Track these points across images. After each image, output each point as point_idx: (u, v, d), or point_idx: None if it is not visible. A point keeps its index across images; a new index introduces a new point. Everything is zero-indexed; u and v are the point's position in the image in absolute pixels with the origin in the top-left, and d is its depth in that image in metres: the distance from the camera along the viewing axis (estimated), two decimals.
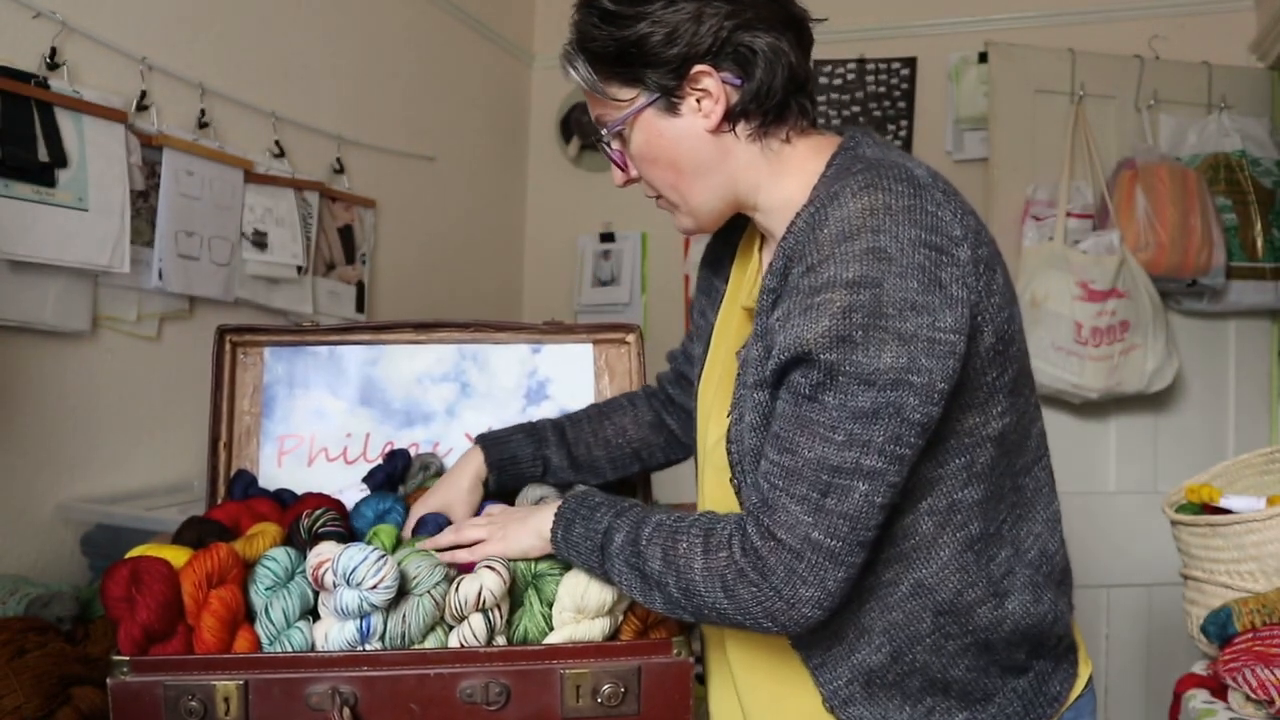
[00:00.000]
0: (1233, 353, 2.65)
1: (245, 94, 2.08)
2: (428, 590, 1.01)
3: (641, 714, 1.01)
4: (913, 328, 0.82)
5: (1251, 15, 2.70)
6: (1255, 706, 1.29)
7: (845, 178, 0.89)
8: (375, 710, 0.98)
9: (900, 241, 0.83)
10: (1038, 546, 0.99)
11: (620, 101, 0.97)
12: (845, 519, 0.84)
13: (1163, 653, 2.57)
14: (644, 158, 0.99)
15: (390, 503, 1.22)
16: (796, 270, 0.87)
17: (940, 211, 0.86)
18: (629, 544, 0.95)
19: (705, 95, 0.94)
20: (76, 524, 1.69)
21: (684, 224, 1.04)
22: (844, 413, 0.83)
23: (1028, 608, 0.96)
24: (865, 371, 0.82)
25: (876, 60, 3.00)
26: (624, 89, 0.96)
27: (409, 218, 2.71)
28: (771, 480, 0.87)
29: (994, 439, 0.92)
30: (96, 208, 1.67)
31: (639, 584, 0.95)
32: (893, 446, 0.83)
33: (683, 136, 0.96)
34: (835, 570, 0.85)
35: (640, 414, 1.31)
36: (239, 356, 1.40)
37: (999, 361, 0.90)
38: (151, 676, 0.96)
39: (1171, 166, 2.46)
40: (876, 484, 0.84)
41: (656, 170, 0.99)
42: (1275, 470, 1.69)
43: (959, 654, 0.95)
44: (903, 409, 0.82)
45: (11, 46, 1.58)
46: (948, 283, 0.84)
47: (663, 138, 0.97)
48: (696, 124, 0.95)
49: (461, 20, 2.92)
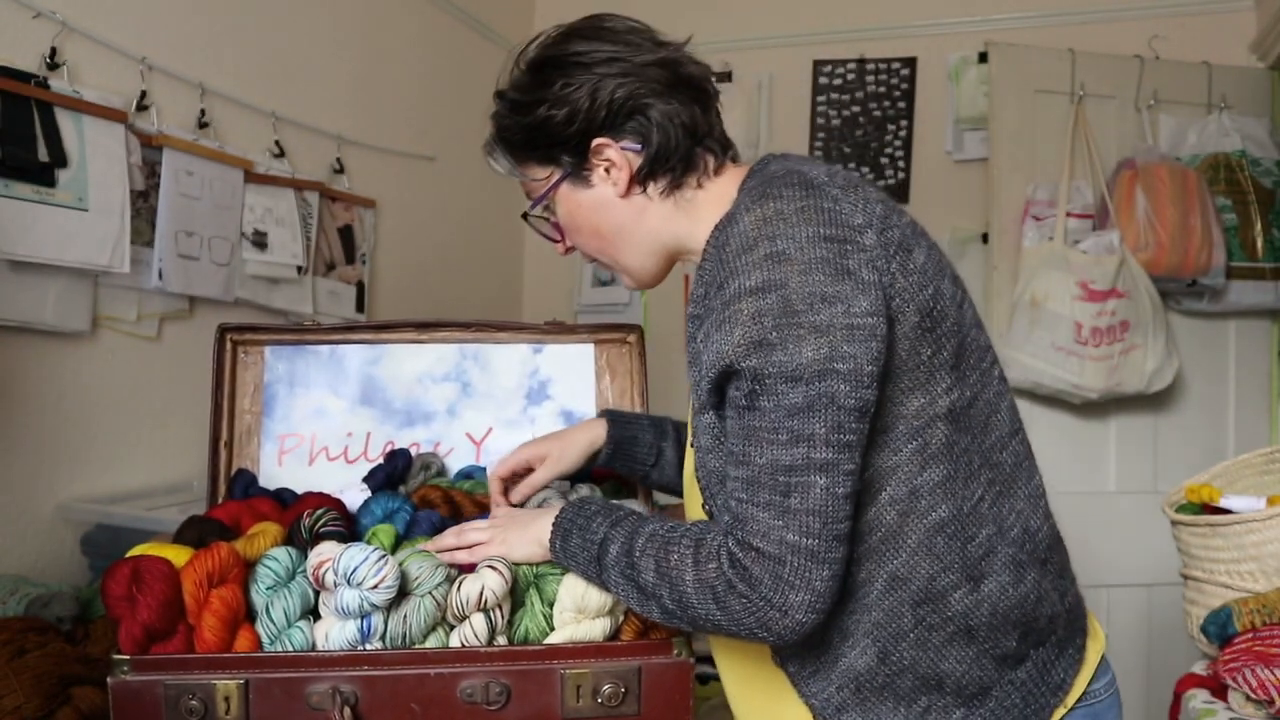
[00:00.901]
0: (1233, 353, 2.65)
1: (245, 94, 2.08)
2: (429, 591, 1.01)
3: (642, 714, 1.01)
4: (827, 318, 0.84)
5: (1251, 15, 2.70)
6: (1255, 706, 1.29)
7: (741, 198, 0.95)
8: (376, 710, 0.98)
9: (798, 241, 0.86)
10: (1020, 524, 0.97)
11: (539, 180, 1.06)
12: (814, 515, 0.85)
13: (1163, 653, 2.57)
14: (570, 228, 1.08)
15: (399, 502, 1.21)
16: (707, 293, 0.92)
17: (838, 205, 0.90)
18: (624, 555, 0.95)
19: (610, 164, 1.01)
20: (76, 524, 1.69)
21: (626, 283, 1.11)
22: (780, 412, 0.85)
23: (1006, 589, 0.94)
24: (789, 369, 0.84)
25: (876, 60, 3.00)
26: (539, 168, 1.05)
27: (409, 218, 2.70)
28: (737, 495, 0.88)
29: (944, 417, 0.91)
30: (96, 208, 1.66)
31: (636, 595, 0.95)
32: (836, 435, 0.85)
33: (598, 205, 1.04)
34: (819, 569, 0.85)
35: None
36: (240, 355, 1.40)
37: (929, 339, 0.91)
38: (152, 675, 0.96)
39: (1171, 166, 2.46)
40: (833, 475, 0.85)
41: (583, 237, 1.08)
42: (1275, 470, 1.69)
43: (944, 645, 0.94)
44: (836, 397, 0.84)
45: (11, 46, 1.58)
46: (855, 269, 0.86)
47: (581, 207, 1.05)
48: (608, 192, 1.03)
49: (461, 20, 2.92)
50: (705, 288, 0.93)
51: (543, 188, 1.06)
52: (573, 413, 1.45)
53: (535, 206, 1.09)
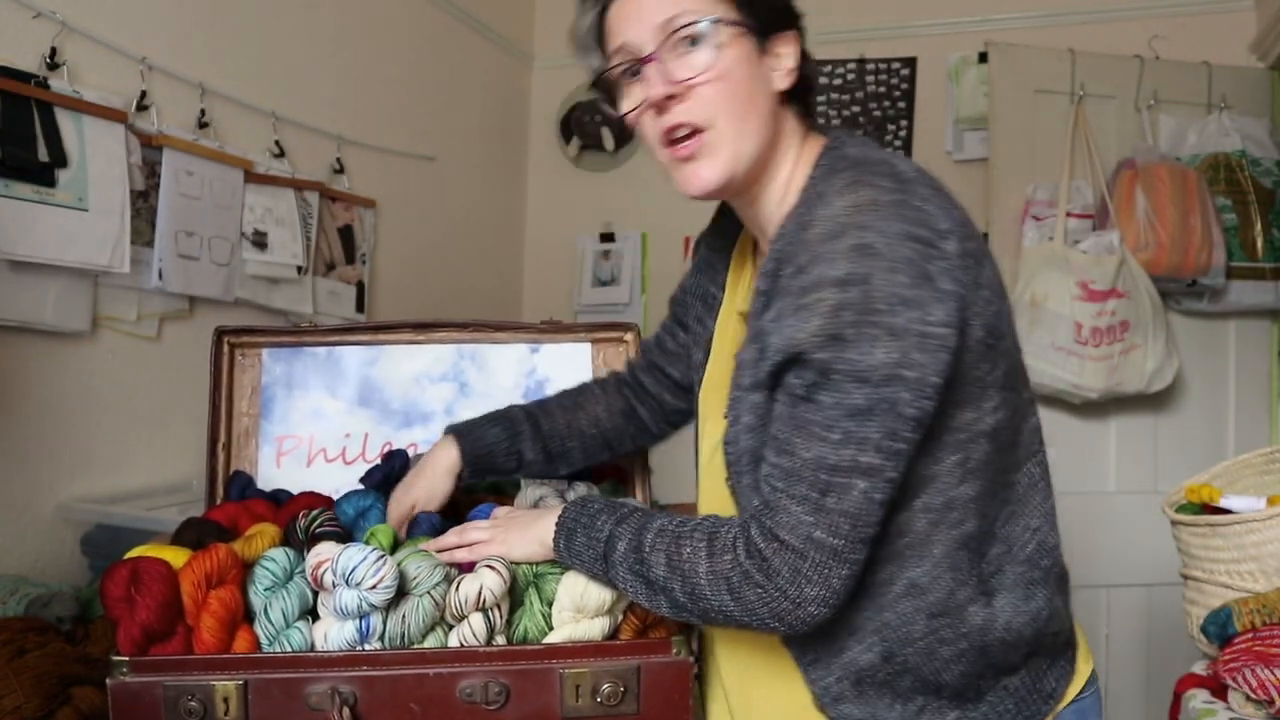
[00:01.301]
0: (1233, 353, 2.65)
1: (245, 94, 2.08)
2: (428, 590, 1.01)
3: (641, 713, 1.01)
4: (904, 322, 0.82)
5: (1251, 15, 2.70)
6: (1255, 706, 1.29)
7: (831, 178, 0.90)
8: (375, 710, 0.98)
9: (887, 236, 0.83)
10: (1035, 540, 0.98)
11: (734, 8, 0.95)
12: (846, 517, 0.84)
13: (1163, 653, 2.57)
14: (728, 74, 0.94)
15: (371, 499, 1.21)
16: (786, 272, 0.87)
17: (926, 205, 0.86)
18: (632, 551, 0.95)
19: (781, 58, 0.98)
20: (76, 524, 1.69)
21: (709, 172, 0.96)
22: (839, 411, 0.83)
23: (1016, 606, 0.95)
24: (858, 369, 0.82)
25: (876, 60, 3.00)
26: (734, 10, 0.95)
27: (409, 218, 2.71)
28: (772, 483, 0.87)
29: (988, 434, 0.91)
30: (96, 208, 1.67)
31: (644, 589, 0.95)
32: (889, 442, 0.83)
33: (762, 80, 0.96)
34: (839, 568, 0.85)
35: (612, 402, 1.31)
36: (237, 358, 1.40)
37: (990, 356, 0.90)
38: (151, 677, 0.96)
39: (1171, 166, 2.46)
40: (875, 480, 0.84)
41: (729, 90, 0.94)
42: (1275, 470, 1.69)
43: (954, 659, 0.94)
44: (897, 404, 0.82)
45: (11, 46, 1.58)
46: (936, 276, 0.83)
47: (753, 70, 0.95)
48: (771, 78, 0.97)
49: (461, 20, 2.92)
50: (779, 264, 0.89)
51: (734, 17, 0.94)
52: None
53: (707, 24, 0.93)
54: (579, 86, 3.30)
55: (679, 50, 0.94)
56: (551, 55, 3.36)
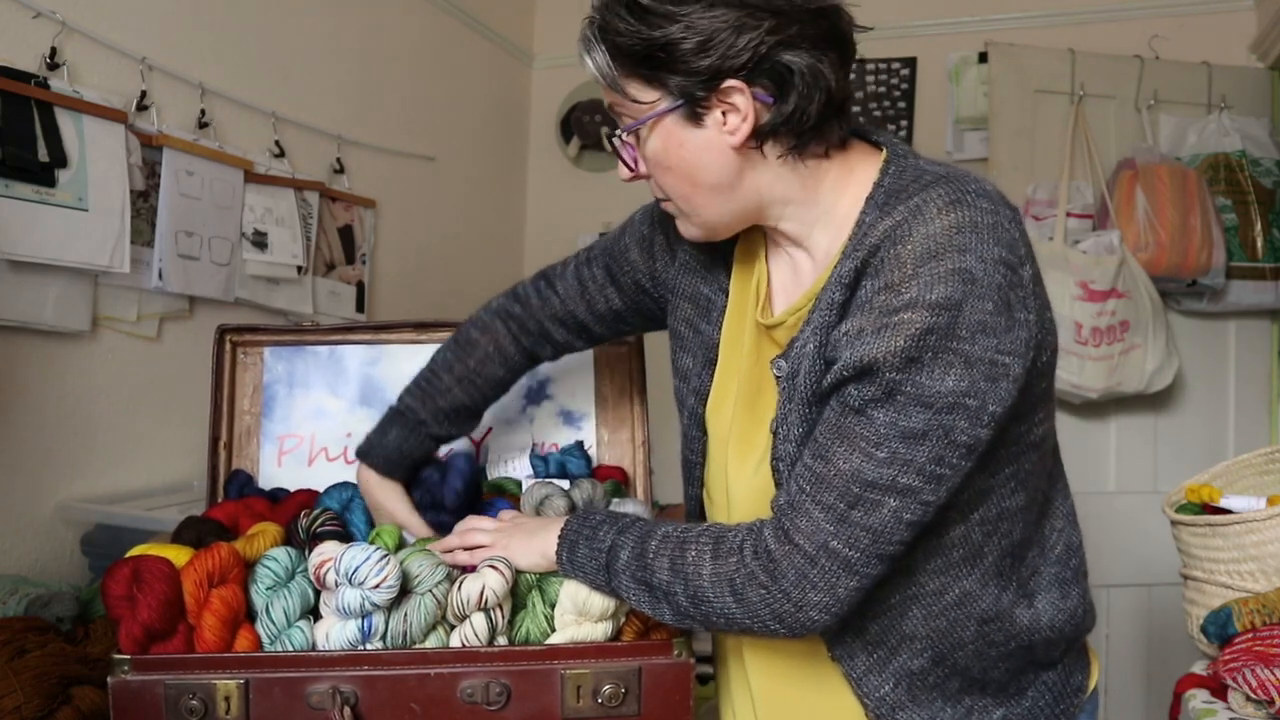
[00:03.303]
0: (1233, 353, 2.65)
1: (245, 94, 2.08)
2: (430, 589, 1.00)
3: (642, 715, 1.01)
4: (979, 351, 0.80)
5: (1251, 15, 2.70)
6: (1255, 706, 1.29)
7: (923, 191, 0.86)
8: (376, 710, 0.98)
9: (985, 262, 0.81)
10: (1063, 541, 1.00)
11: (640, 103, 0.90)
12: (868, 532, 0.83)
13: (1163, 653, 2.57)
14: (659, 164, 0.93)
15: (352, 491, 1.22)
16: (871, 284, 0.84)
17: (1012, 228, 0.85)
18: (635, 559, 0.94)
19: (733, 110, 0.88)
20: (76, 524, 1.69)
21: (691, 233, 0.99)
22: (893, 430, 0.82)
23: (1056, 605, 0.97)
24: (925, 393, 0.80)
25: (876, 60, 3.00)
26: (645, 90, 0.89)
27: (409, 218, 2.70)
28: (800, 483, 0.86)
29: (1036, 445, 0.92)
30: (96, 208, 1.66)
31: (646, 597, 0.94)
32: (933, 467, 0.82)
33: (704, 149, 0.90)
34: (848, 579, 0.84)
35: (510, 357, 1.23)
36: (239, 356, 1.40)
37: (1046, 373, 0.90)
38: (152, 675, 0.96)
39: (1171, 166, 2.46)
40: (908, 501, 0.83)
41: (669, 178, 0.94)
42: (1275, 470, 1.69)
43: (1002, 659, 0.96)
44: (951, 431, 0.81)
45: (11, 46, 1.58)
46: (1015, 305, 0.82)
47: (683, 148, 0.90)
48: (720, 139, 0.89)
49: (461, 20, 2.92)
50: (862, 276, 0.86)
51: (642, 112, 0.90)
52: (571, 412, 1.45)
53: (626, 131, 0.93)
54: (579, 86, 3.30)
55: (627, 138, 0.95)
56: (551, 55, 3.36)
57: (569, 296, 1.22)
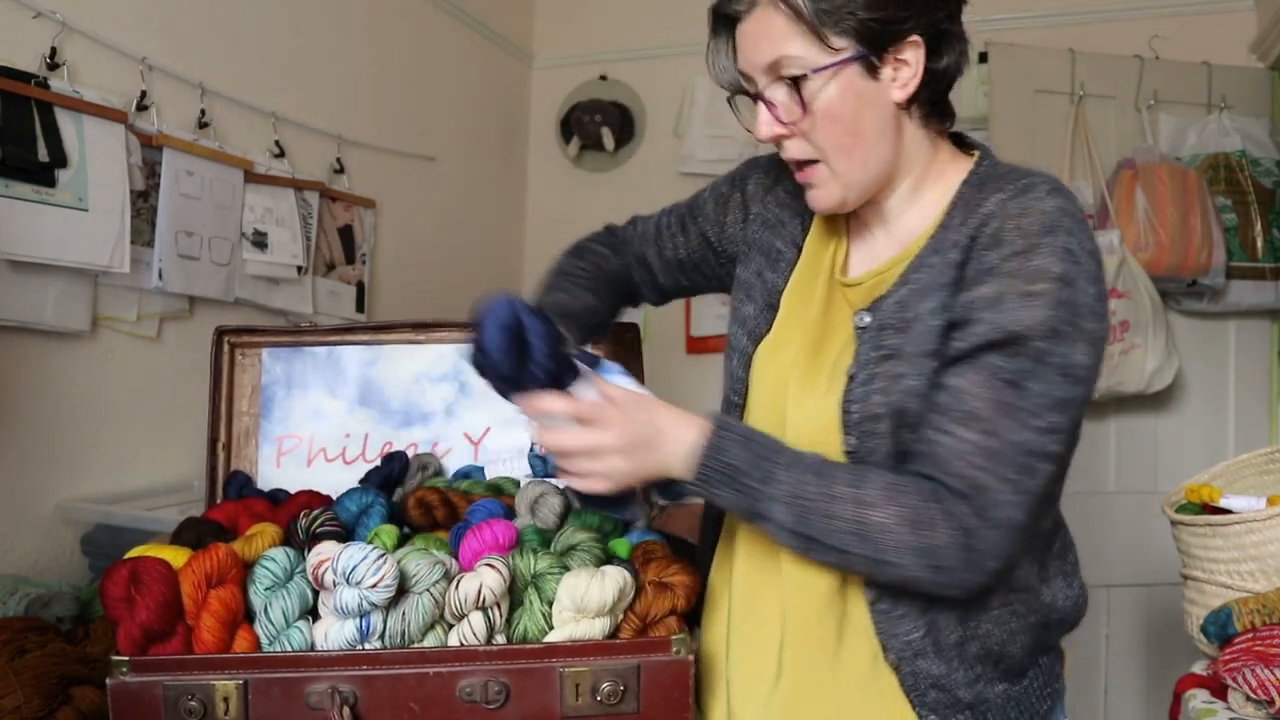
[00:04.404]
0: (1233, 353, 2.65)
1: (245, 94, 2.08)
2: (427, 588, 1.01)
3: (641, 712, 1.01)
4: (1094, 330, 0.89)
5: (1251, 15, 2.70)
6: (1255, 706, 1.29)
7: (1025, 178, 0.93)
8: (375, 709, 0.98)
9: (1085, 249, 0.89)
10: (1059, 535, 1.06)
11: (831, 49, 0.91)
12: (1034, 498, 0.89)
13: (1163, 653, 2.57)
14: (829, 114, 0.93)
15: (372, 497, 1.22)
16: (996, 253, 0.90)
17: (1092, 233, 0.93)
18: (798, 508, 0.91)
19: (904, 66, 0.93)
20: (76, 524, 1.69)
21: (826, 200, 0.99)
22: (1047, 401, 0.88)
23: (1065, 592, 1.04)
24: (1066, 365, 0.87)
25: None
26: (838, 37, 0.91)
27: (409, 218, 2.71)
28: (972, 460, 0.88)
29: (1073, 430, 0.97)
30: (96, 208, 1.67)
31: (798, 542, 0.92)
32: (1071, 434, 0.91)
33: (873, 103, 0.94)
34: (1017, 544, 0.91)
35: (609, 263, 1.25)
36: (237, 357, 1.40)
37: None
38: (151, 676, 0.96)
39: (1171, 166, 2.46)
40: (1054, 468, 0.90)
41: (836, 131, 0.94)
42: (1275, 470, 1.69)
43: (1020, 631, 0.99)
44: (1081, 403, 0.90)
45: (11, 46, 1.58)
46: (1101, 298, 0.90)
47: (859, 98, 0.93)
48: (888, 94, 0.94)
49: (461, 20, 2.92)
50: (975, 245, 0.92)
51: (823, 60, 0.91)
52: None
53: (800, 73, 0.92)
54: (579, 86, 3.30)
55: (784, 90, 0.94)
56: (551, 55, 3.36)
57: (645, 238, 1.27)
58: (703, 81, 3.06)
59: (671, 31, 3.08)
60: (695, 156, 3.11)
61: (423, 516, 1.23)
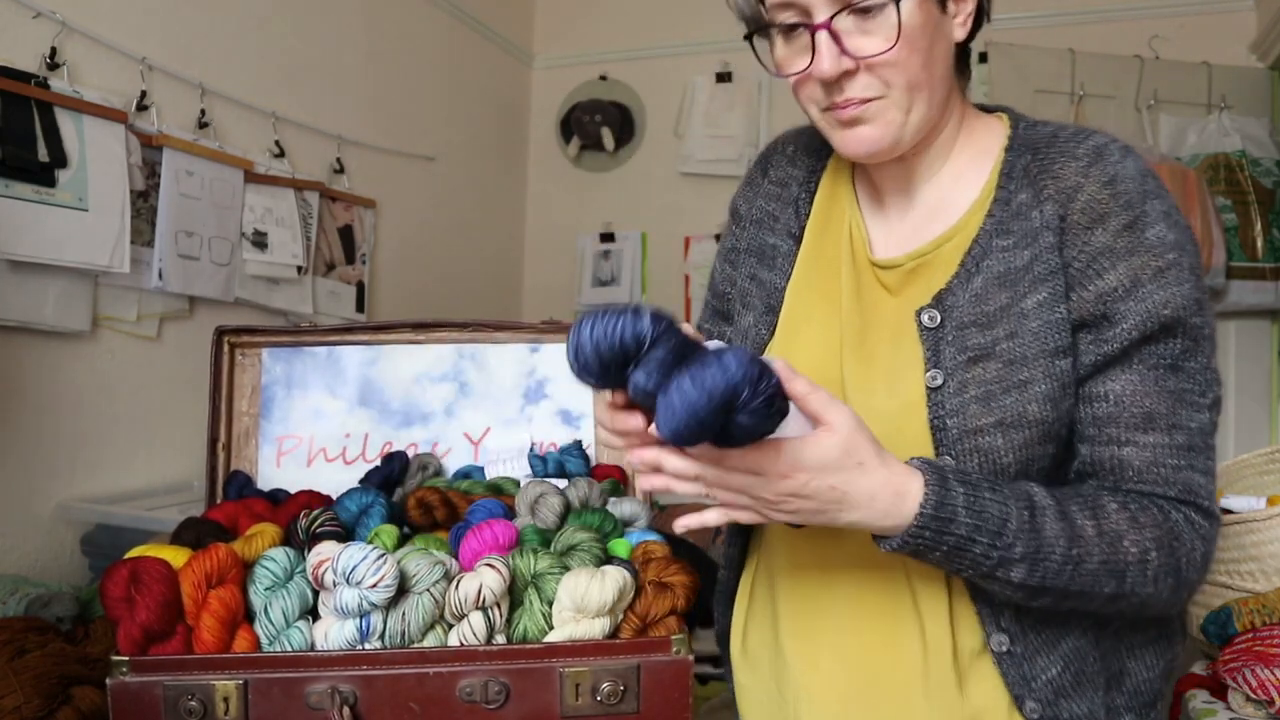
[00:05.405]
0: (1233, 353, 2.65)
1: (245, 94, 2.08)
2: (427, 588, 1.01)
3: (641, 712, 1.01)
4: (1206, 285, 0.85)
5: (1251, 15, 2.70)
6: (1255, 706, 1.29)
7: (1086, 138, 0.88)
8: (375, 709, 0.98)
9: (1174, 204, 0.85)
10: None
11: None
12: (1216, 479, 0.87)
13: None
14: (910, 41, 0.84)
15: (372, 496, 1.21)
16: (1102, 231, 0.83)
17: None
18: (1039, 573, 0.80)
19: (962, 5, 0.89)
20: (76, 524, 1.69)
21: (876, 140, 0.88)
22: (1205, 376, 0.85)
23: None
24: (1209, 332, 0.85)
25: None
26: None
27: (409, 218, 2.71)
28: (1172, 463, 0.83)
29: None
30: (96, 208, 1.67)
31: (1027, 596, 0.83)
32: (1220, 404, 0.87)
33: (945, 35, 0.89)
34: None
35: None
36: (237, 357, 1.40)
37: None
38: (151, 676, 0.96)
39: (1171, 166, 2.46)
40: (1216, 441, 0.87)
41: (913, 63, 0.85)
42: (1275, 470, 1.69)
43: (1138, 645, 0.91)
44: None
45: (11, 46, 1.58)
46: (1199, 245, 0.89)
47: (937, 29, 0.87)
48: (951, 29, 0.89)
49: (461, 20, 2.93)
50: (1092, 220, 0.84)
51: None
52: (570, 412, 1.45)
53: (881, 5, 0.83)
54: (579, 86, 3.30)
55: (855, 20, 0.84)
56: (551, 55, 3.36)
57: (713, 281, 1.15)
58: (702, 82, 3.07)
59: (671, 31, 3.08)
60: (695, 156, 3.11)
61: (423, 516, 1.23)
